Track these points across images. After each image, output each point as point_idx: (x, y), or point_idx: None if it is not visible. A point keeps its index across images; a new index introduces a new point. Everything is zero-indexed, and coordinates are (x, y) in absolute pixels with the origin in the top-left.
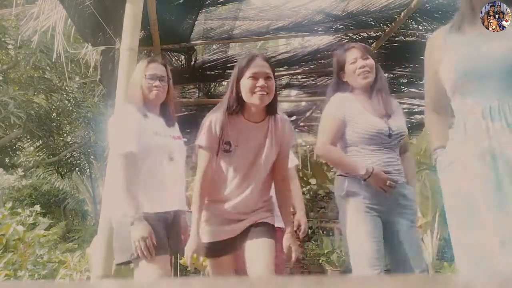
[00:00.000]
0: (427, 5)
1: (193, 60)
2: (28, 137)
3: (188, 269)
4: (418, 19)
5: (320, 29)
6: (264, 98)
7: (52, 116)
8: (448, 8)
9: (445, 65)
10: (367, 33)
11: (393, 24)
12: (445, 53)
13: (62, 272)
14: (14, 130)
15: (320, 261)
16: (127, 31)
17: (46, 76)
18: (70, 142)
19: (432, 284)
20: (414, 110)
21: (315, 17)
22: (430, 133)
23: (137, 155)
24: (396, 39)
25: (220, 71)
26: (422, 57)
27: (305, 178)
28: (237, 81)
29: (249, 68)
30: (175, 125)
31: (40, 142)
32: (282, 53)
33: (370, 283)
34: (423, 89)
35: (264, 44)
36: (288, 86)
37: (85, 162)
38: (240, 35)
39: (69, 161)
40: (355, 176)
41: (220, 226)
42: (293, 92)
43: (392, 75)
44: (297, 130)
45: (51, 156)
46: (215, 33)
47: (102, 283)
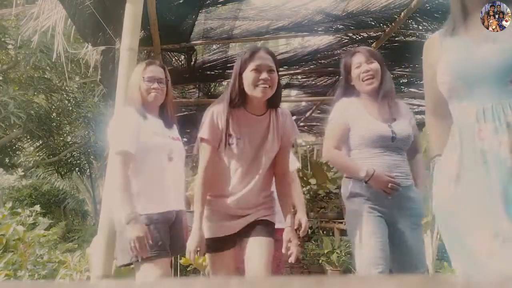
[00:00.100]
0: (427, 5)
1: (193, 60)
2: (28, 137)
3: (189, 268)
4: (418, 19)
5: (320, 29)
6: (266, 91)
7: (52, 116)
8: (448, 8)
9: (441, 69)
10: (367, 33)
11: (393, 24)
12: (441, 56)
13: (62, 272)
14: (14, 130)
15: (320, 261)
16: (127, 31)
17: (46, 76)
18: (70, 142)
19: (432, 284)
20: (414, 110)
21: (315, 17)
22: (429, 139)
23: (135, 155)
24: (396, 39)
25: (220, 71)
26: (422, 58)
27: (305, 178)
28: (240, 73)
29: (252, 60)
30: (174, 126)
31: (40, 142)
32: (282, 53)
33: (370, 283)
34: (423, 89)
35: (264, 44)
36: (288, 86)
37: (85, 162)
38: (240, 35)
39: (69, 161)
40: (358, 178)
41: (221, 222)
42: (293, 92)
43: (392, 75)
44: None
45: (51, 156)
46: (215, 33)
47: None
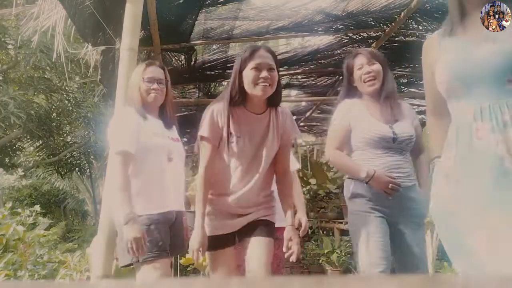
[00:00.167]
0: (427, 5)
1: (193, 60)
2: (28, 137)
3: (189, 268)
4: (418, 19)
5: (320, 29)
6: (266, 89)
7: (52, 116)
8: (448, 8)
9: (439, 69)
10: (367, 33)
11: (393, 24)
12: (439, 57)
13: (62, 272)
14: (14, 130)
15: (320, 261)
16: (127, 31)
17: (46, 76)
18: (70, 142)
19: (432, 284)
20: (415, 110)
21: (315, 17)
22: (430, 139)
23: (135, 155)
24: (396, 39)
25: (220, 71)
26: (421, 58)
27: (305, 178)
28: (240, 72)
29: (253, 59)
30: (173, 127)
31: (40, 142)
32: (282, 53)
33: (370, 283)
34: (423, 89)
35: (264, 44)
36: (288, 86)
37: (85, 162)
38: (240, 35)
39: (69, 161)
40: (358, 179)
41: (221, 220)
42: (293, 92)
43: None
44: None
45: (51, 156)
46: (215, 33)
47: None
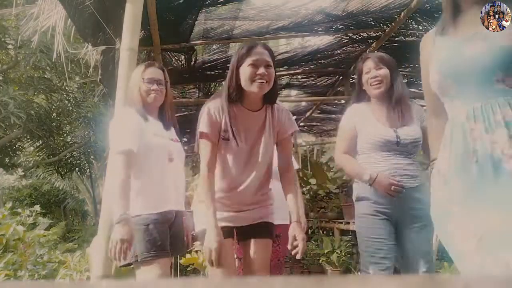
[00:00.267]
0: (427, 5)
1: (193, 60)
2: (28, 137)
3: (189, 268)
4: (418, 19)
5: (320, 29)
6: (263, 86)
7: (52, 116)
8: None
9: (432, 68)
10: (367, 33)
11: (393, 24)
12: (433, 55)
13: (62, 272)
14: (14, 130)
15: (320, 261)
16: (127, 31)
17: (46, 76)
18: (70, 142)
19: (432, 284)
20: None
21: (315, 17)
22: (429, 140)
23: (137, 155)
24: (396, 39)
25: (220, 71)
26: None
27: (305, 178)
28: (237, 68)
29: (249, 55)
30: (173, 128)
31: (40, 142)
32: (282, 53)
33: (370, 283)
34: (422, 90)
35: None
36: (288, 86)
37: (85, 162)
38: (240, 35)
39: (69, 161)
40: (363, 182)
41: (220, 214)
42: (293, 92)
43: None
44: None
45: (51, 156)
46: (215, 33)
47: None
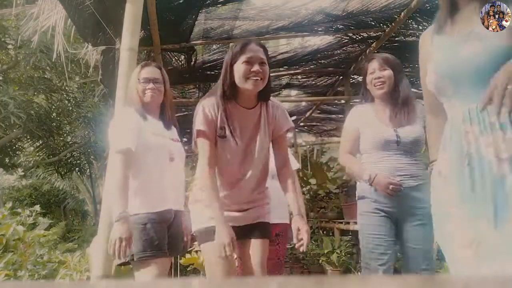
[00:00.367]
0: (427, 5)
1: (193, 60)
2: (28, 137)
3: (189, 268)
4: (418, 19)
5: (320, 29)
6: (258, 83)
7: (52, 116)
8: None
9: (429, 68)
10: (367, 33)
11: (393, 24)
12: (431, 55)
13: (62, 272)
14: (14, 130)
15: (320, 261)
16: (127, 31)
17: (46, 76)
18: (70, 142)
19: (432, 284)
20: None
21: (315, 17)
22: (428, 139)
23: (136, 154)
24: (396, 39)
25: (220, 71)
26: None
27: (305, 178)
28: (231, 65)
29: (244, 53)
30: (173, 128)
31: (40, 142)
32: (282, 53)
33: (370, 283)
34: (422, 90)
35: (264, 44)
36: (288, 86)
37: (85, 162)
38: (240, 35)
39: (69, 161)
40: (364, 181)
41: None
42: (293, 92)
43: None
44: (297, 130)
45: (51, 156)
46: (215, 33)
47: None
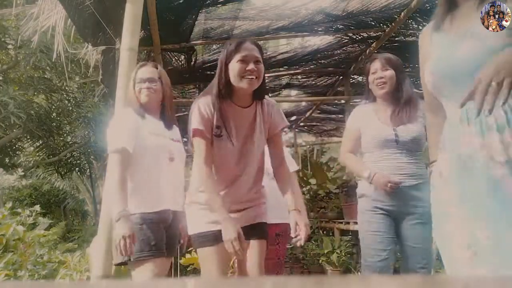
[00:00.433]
0: (427, 5)
1: (193, 60)
2: (28, 137)
3: (189, 268)
4: (418, 19)
5: (320, 29)
6: (253, 82)
7: (52, 116)
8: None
9: (427, 67)
10: (367, 33)
11: (393, 24)
12: (429, 54)
13: (62, 272)
14: (14, 130)
15: (320, 261)
16: (127, 31)
17: (46, 76)
18: (70, 142)
19: (432, 284)
20: None
21: (315, 17)
22: (428, 139)
23: (133, 154)
24: (396, 39)
25: None
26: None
27: (305, 178)
28: (226, 64)
29: (239, 51)
30: (175, 128)
31: (40, 142)
32: (282, 53)
33: (370, 283)
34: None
35: (264, 44)
36: (288, 86)
37: (85, 162)
38: (240, 35)
39: (69, 161)
40: (364, 179)
41: (214, 216)
42: (293, 92)
43: None
44: (297, 130)
45: (51, 156)
46: (215, 33)
47: (102, 283)
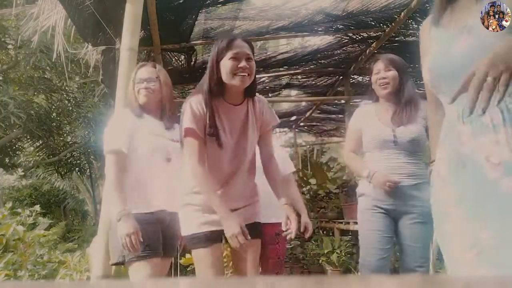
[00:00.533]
0: (427, 5)
1: (193, 60)
2: (28, 137)
3: (189, 268)
4: (418, 19)
5: (320, 29)
6: (245, 79)
7: (52, 116)
8: None
9: (425, 64)
10: (367, 33)
11: (393, 24)
12: (428, 47)
13: (62, 272)
14: (14, 130)
15: (320, 261)
16: (127, 31)
17: (46, 76)
18: (70, 142)
19: (432, 284)
20: None
21: (315, 17)
22: (429, 133)
23: (129, 155)
24: (396, 39)
25: None
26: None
27: (305, 178)
28: (217, 62)
29: (230, 49)
30: (176, 128)
31: (40, 142)
32: (282, 53)
33: (370, 283)
34: (423, 89)
35: (264, 44)
36: (288, 86)
37: (85, 162)
38: (240, 35)
39: (69, 161)
40: (364, 178)
41: (210, 217)
42: (293, 92)
43: None
44: (297, 130)
45: (51, 156)
46: (215, 33)
47: (102, 283)
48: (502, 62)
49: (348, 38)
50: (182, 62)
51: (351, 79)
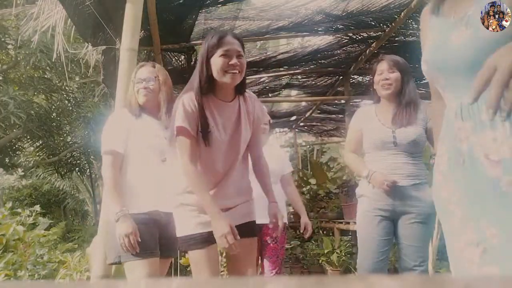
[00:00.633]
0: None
1: (193, 60)
2: (28, 137)
3: (189, 268)
4: (418, 19)
5: (320, 29)
6: (236, 76)
7: (52, 116)
8: None
9: (423, 55)
10: (367, 33)
11: (393, 24)
12: (426, 36)
13: (62, 272)
14: (14, 130)
15: (320, 261)
16: (127, 31)
17: (46, 76)
18: (70, 142)
19: (432, 284)
20: None
21: (315, 17)
22: (432, 126)
23: (125, 155)
24: (396, 39)
25: None
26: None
27: (305, 178)
28: (207, 59)
29: (221, 46)
30: None
31: (40, 142)
32: (282, 53)
33: (370, 283)
34: (423, 89)
35: (264, 44)
36: (288, 86)
37: (85, 162)
38: (240, 35)
39: (69, 161)
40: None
41: (204, 217)
42: (293, 92)
43: None
44: (297, 130)
45: (51, 156)
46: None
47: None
48: None
49: (348, 38)
50: (182, 62)
51: (351, 79)
